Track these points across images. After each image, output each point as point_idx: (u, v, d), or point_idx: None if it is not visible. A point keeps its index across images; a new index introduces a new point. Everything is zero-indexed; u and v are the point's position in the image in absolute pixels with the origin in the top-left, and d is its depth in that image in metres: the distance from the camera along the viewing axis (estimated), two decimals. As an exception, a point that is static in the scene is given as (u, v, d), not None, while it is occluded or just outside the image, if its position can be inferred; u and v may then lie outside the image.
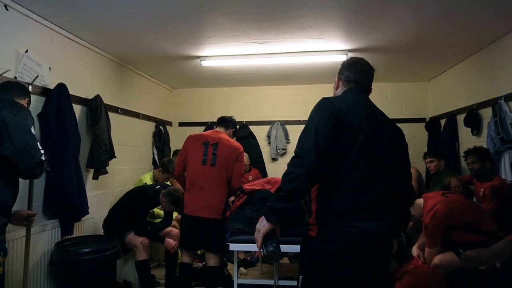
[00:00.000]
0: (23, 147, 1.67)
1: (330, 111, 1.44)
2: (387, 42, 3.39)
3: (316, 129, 1.41)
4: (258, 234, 1.50)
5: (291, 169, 1.41)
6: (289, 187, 1.40)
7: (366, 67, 1.67)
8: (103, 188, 3.65)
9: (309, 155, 1.38)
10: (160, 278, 3.73)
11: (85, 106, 3.31)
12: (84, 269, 2.66)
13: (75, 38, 3.17)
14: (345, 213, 1.43)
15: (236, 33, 3.16)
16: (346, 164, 1.44)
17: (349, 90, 1.65)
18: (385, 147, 1.52)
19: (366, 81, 1.66)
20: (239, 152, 2.91)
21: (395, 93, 5.26)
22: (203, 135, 2.98)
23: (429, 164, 3.88)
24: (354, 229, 1.41)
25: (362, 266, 1.44)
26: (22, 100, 1.96)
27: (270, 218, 1.46)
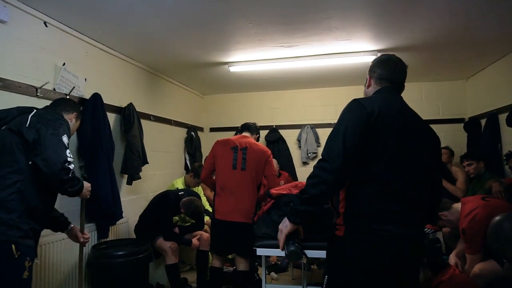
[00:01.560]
0: (48, 153, 1.72)
1: (361, 114, 1.39)
2: (419, 40, 3.26)
3: (344, 133, 1.37)
4: (281, 234, 1.51)
5: (317, 172, 1.39)
6: (313, 191, 1.38)
7: (400, 64, 1.60)
8: (137, 193, 3.78)
9: (336, 160, 1.35)
10: (192, 282, 3.79)
11: (118, 114, 3.46)
12: (119, 271, 2.76)
13: (108, 49, 3.32)
14: (373, 216, 1.39)
15: (262, 38, 3.17)
16: (377, 167, 1.40)
17: (381, 89, 1.58)
18: (418, 151, 1.46)
19: (400, 79, 1.59)
20: (268, 155, 2.94)
21: (430, 93, 5.04)
22: (231, 140, 3.01)
23: (468, 167, 3.67)
24: (381, 232, 1.37)
25: (386, 269, 1.40)
26: (70, 114, 2.07)
27: (292, 219, 1.47)
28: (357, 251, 1.41)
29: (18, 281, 1.63)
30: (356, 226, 1.43)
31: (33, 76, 2.49)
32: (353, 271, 1.42)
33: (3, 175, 1.66)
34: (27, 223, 1.69)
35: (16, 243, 1.62)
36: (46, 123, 1.80)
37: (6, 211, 1.63)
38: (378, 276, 1.40)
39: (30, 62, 2.48)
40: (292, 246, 1.50)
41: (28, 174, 1.71)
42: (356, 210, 1.44)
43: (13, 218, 1.64)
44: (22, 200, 1.67)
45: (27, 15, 2.45)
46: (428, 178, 1.50)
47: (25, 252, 1.66)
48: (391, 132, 1.40)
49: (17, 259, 1.62)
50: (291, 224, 1.48)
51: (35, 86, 2.48)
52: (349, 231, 1.44)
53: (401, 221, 1.39)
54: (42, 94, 2.51)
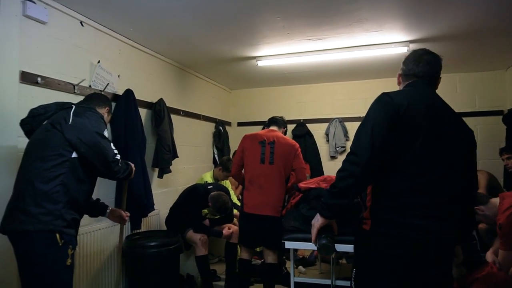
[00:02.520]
0: (96, 147, 1.83)
1: (389, 108, 1.39)
2: (453, 29, 3.13)
3: (373, 127, 1.38)
4: (313, 228, 1.55)
5: (345, 166, 1.41)
6: (342, 184, 1.40)
7: (425, 57, 1.56)
8: (167, 186, 3.88)
9: (364, 153, 1.36)
10: (221, 273, 3.87)
11: (149, 110, 3.56)
12: (151, 261, 2.86)
13: (140, 46, 3.42)
14: (399, 209, 1.38)
15: (290, 31, 3.15)
16: (405, 161, 1.38)
17: (410, 84, 1.57)
18: (449, 146, 1.42)
19: (425, 72, 1.54)
20: (296, 149, 2.96)
21: (466, 84, 4.83)
22: (259, 134, 3.04)
23: (507, 161, 3.52)
24: (406, 225, 1.36)
25: (412, 262, 1.38)
26: (102, 109, 2.17)
27: (324, 213, 1.50)
28: (382, 245, 1.41)
29: (63, 268, 1.73)
30: (382, 219, 1.43)
31: (70, 74, 2.61)
32: (380, 265, 1.42)
33: (48, 168, 1.76)
34: (70, 214, 1.79)
35: (61, 232, 1.73)
36: (86, 120, 1.88)
37: (52, 202, 1.73)
38: (405, 269, 1.39)
39: (67, 61, 2.60)
40: (324, 239, 1.51)
41: (70, 167, 1.80)
42: (382, 203, 1.43)
43: (58, 208, 1.74)
44: (65, 192, 1.77)
45: (64, 16, 2.57)
46: (460, 172, 1.46)
47: (68, 240, 1.76)
48: (419, 125, 1.38)
49: (61, 247, 1.72)
50: (322, 218, 1.51)
51: (72, 83, 2.60)
52: (375, 225, 1.44)
53: (427, 214, 1.37)
54: (79, 91, 2.63)
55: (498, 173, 4.16)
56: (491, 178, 3.84)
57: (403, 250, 1.37)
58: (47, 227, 1.70)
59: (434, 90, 1.56)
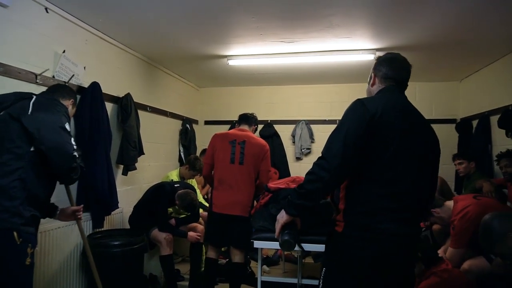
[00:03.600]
0: (56, 142, 1.74)
1: (363, 115, 1.40)
2: (416, 40, 3.32)
3: (346, 134, 1.39)
4: (277, 224, 1.58)
5: (315, 170, 1.42)
6: (309, 187, 1.43)
7: (405, 64, 1.61)
8: (132, 184, 3.77)
9: (334, 159, 1.38)
10: (185, 273, 3.81)
11: (116, 104, 3.44)
12: (113, 261, 2.77)
13: (108, 38, 3.29)
14: (373, 213, 1.42)
15: (263, 32, 3.18)
16: (378, 167, 1.43)
17: (386, 88, 1.59)
18: (419, 153, 1.48)
19: (405, 78, 1.60)
20: (266, 150, 2.96)
21: (425, 93, 5.11)
22: (229, 133, 3.03)
23: (458, 166, 3.76)
24: (380, 230, 1.41)
25: (384, 264, 1.43)
26: (67, 101, 2.06)
27: (289, 211, 1.53)
28: (354, 247, 1.45)
29: (21, 268, 1.64)
30: (355, 223, 1.46)
31: (33, 63, 2.45)
32: (350, 266, 1.46)
33: (4, 162, 1.65)
34: (29, 210, 1.69)
35: (18, 230, 1.62)
36: (49, 111, 1.79)
37: (8, 199, 1.62)
38: (375, 271, 1.43)
39: (30, 48, 2.44)
40: (287, 235, 1.55)
41: (29, 161, 1.70)
42: (356, 208, 1.47)
43: (15, 205, 1.63)
44: (23, 188, 1.67)
45: (28, 0, 2.41)
46: (426, 177, 1.53)
47: (27, 239, 1.66)
48: (393, 133, 1.42)
49: (20, 246, 1.62)
50: (287, 216, 1.54)
51: (34, 73, 2.45)
52: (348, 227, 1.48)
53: (399, 218, 1.42)
54: (41, 81, 2.48)
55: (450, 178, 4.47)
56: (443, 182, 4.10)
57: (375, 252, 1.42)
58: (3, 225, 1.59)
59: (405, 96, 1.61)
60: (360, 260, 1.43)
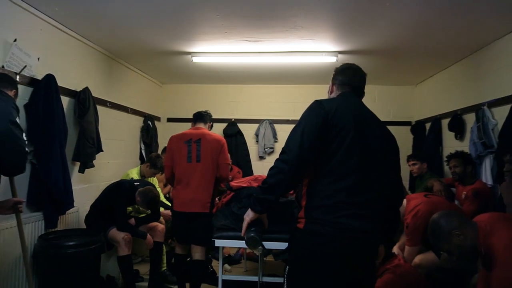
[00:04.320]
0: (6, 136, 1.65)
1: (319, 114, 1.51)
2: (376, 45, 3.46)
3: (303, 130, 1.49)
4: (244, 222, 1.60)
5: (276, 163, 1.51)
6: (272, 180, 1.50)
7: (359, 72, 1.76)
8: (89, 182, 3.62)
9: (293, 152, 1.47)
10: (144, 274, 3.72)
11: (73, 98, 3.28)
12: (68, 263, 2.63)
13: (65, 28, 3.13)
14: (331, 209, 1.47)
15: (228, 30, 3.17)
16: (334, 163, 1.49)
17: (343, 93, 1.71)
18: (375, 148, 1.56)
19: (359, 85, 1.74)
20: (222, 144, 3.00)
21: (383, 96, 5.34)
22: (185, 133, 3.05)
23: (412, 166, 3.96)
24: (339, 225, 1.45)
25: (344, 260, 1.47)
26: (9, 91, 1.96)
27: (254, 208, 1.56)
28: (315, 243, 1.48)
29: None
30: (315, 219, 1.50)
31: (-21, 51, 2.29)
32: (312, 262, 1.49)
33: None
34: None
35: None
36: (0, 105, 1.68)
37: None
38: (335, 266, 1.47)
39: (-24, 35, 2.28)
40: (252, 233, 1.57)
41: None
42: (316, 203, 1.51)
43: None
44: None
45: (-25, -16, 2.25)
46: (384, 174, 1.58)
47: None
48: (347, 130, 1.50)
49: None
50: (252, 213, 1.57)
51: (-19, 62, 2.28)
52: (308, 223, 1.51)
53: (358, 214, 1.47)
54: (-11, 72, 2.32)
55: (405, 177, 4.68)
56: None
57: (334, 247, 1.45)
58: None
59: (361, 100, 1.74)
60: (321, 256, 1.47)
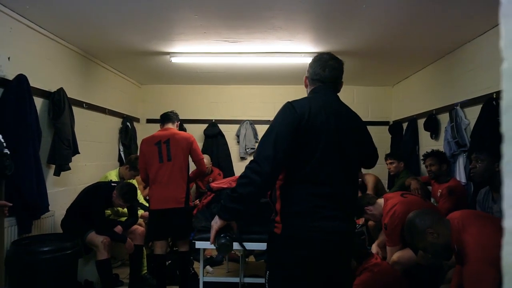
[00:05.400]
0: None
1: (292, 118, 1.44)
2: (354, 46, 3.51)
3: (275, 138, 1.41)
4: (212, 230, 1.52)
5: (247, 173, 1.42)
6: (243, 191, 1.41)
7: (330, 62, 1.62)
8: (66, 185, 3.52)
9: (265, 163, 1.39)
10: (124, 278, 3.65)
11: (47, 99, 3.18)
12: (43, 269, 2.56)
13: (36, 27, 3.03)
14: (307, 213, 1.46)
15: (207, 31, 3.15)
16: (308, 168, 1.46)
17: (315, 89, 1.63)
18: (348, 150, 1.54)
19: (330, 77, 1.61)
20: (191, 141, 3.14)
21: (361, 97, 5.44)
22: (154, 136, 3.18)
23: (389, 165, 4.05)
24: (316, 229, 1.45)
25: (322, 262, 1.48)
26: None
27: (222, 216, 1.49)
28: (292, 247, 1.47)
29: None
30: (292, 223, 1.48)
31: None
32: (291, 267, 1.48)
33: None
34: None
35: None
36: None
37: None
38: (315, 269, 1.48)
39: None
40: (223, 239, 1.51)
41: None
42: (291, 208, 1.49)
43: None
44: None
45: None
46: (354, 174, 1.62)
47: None
48: (321, 134, 1.46)
49: None
50: (220, 220, 1.50)
51: None
52: (286, 229, 1.49)
53: (333, 216, 1.47)
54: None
55: (384, 176, 4.79)
56: (377, 180, 4.38)
57: (312, 251, 1.46)
58: None
59: (337, 94, 1.66)
60: (300, 260, 1.46)
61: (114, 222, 3.40)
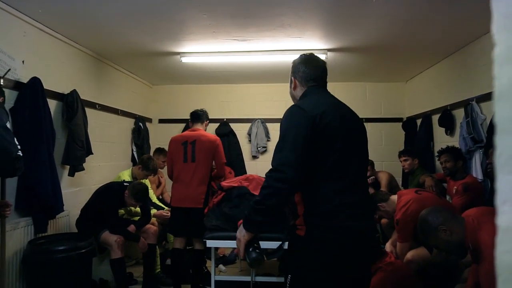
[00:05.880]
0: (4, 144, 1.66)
1: (306, 120, 1.42)
2: (365, 42, 3.46)
3: (294, 142, 1.39)
4: (240, 243, 1.49)
5: (271, 183, 1.38)
6: (270, 202, 1.38)
7: (321, 62, 1.65)
8: (80, 185, 3.58)
9: (290, 170, 1.36)
10: (138, 276, 3.69)
11: (60, 101, 3.24)
12: (58, 268, 2.61)
13: (49, 31, 3.09)
14: (331, 213, 1.43)
15: (216, 30, 3.15)
16: (327, 167, 1.44)
17: (310, 90, 1.60)
18: (358, 144, 1.55)
19: (322, 77, 1.63)
20: (216, 145, 3.20)
21: (374, 93, 5.36)
22: (182, 135, 3.30)
23: (403, 162, 3.98)
24: (341, 229, 1.42)
25: (348, 262, 1.45)
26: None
27: (249, 229, 1.46)
28: (319, 249, 1.44)
29: None
30: (316, 225, 1.45)
31: (-39, 55, 2.25)
32: (316, 269, 1.44)
33: None
34: None
35: None
36: None
37: None
38: (341, 271, 1.44)
39: (-42, 39, 2.24)
40: (254, 253, 1.47)
41: None
42: (315, 209, 1.46)
43: None
44: None
45: (-45, -13, 2.21)
46: (365, 168, 1.61)
47: None
48: (335, 131, 1.45)
49: None
50: (248, 233, 1.46)
51: (-37, 66, 2.25)
52: (310, 230, 1.46)
53: (356, 214, 1.44)
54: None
55: (397, 173, 4.70)
56: (391, 177, 4.32)
57: (336, 252, 1.42)
58: None
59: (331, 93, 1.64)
60: (322, 262, 1.43)
61: (127, 222, 3.45)
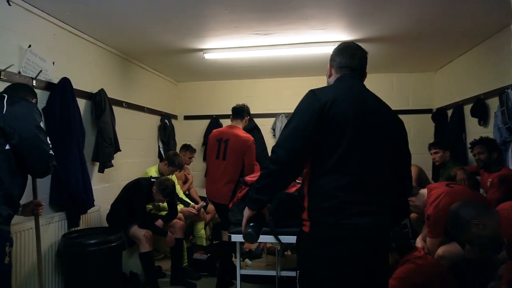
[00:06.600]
0: (32, 140, 1.74)
1: (314, 106, 1.39)
2: (391, 31, 3.34)
3: (295, 127, 1.40)
4: (243, 219, 1.57)
5: (267, 164, 1.44)
6: (263, 182, 1.45)
7: (358, 51, 1.60)
8: (109, 181, 3.70)
9: (282, 152, 1.39)
10: (166, 270, 3.78)
11: (89, 100, 3.35)
12: (90, 260, 2.72)
13: (77, 32, 3.19)
14: (336, 209, 1.37)
15: (238, 25, 3.14)
16: (335, 159, 1.38)
17: (341, 77, 1.57)
18: (378, 138, 1.44)
19: (360, 66, 1.59)
20: (248, 145, 3.22)
21: (401, 84, 5.19)
22: (220, 131, 3.42)
23: (434, 155, 3.84)
24: (345, 226, 1.36)
25: (354, 264, 1.40)
26: (31, 100, 2.06)
27: (250, 206, 1.54)
28: (323, 248, 1.40)
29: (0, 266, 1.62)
30: (320, 221, 1.40)
31: (-4, 58, 2.36)
32: (319, 267, 1.41)
33: None
34: (5, 209, 1.68)
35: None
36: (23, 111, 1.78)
37: None
38: (345, 270, 1.39)
39: (-8, 43, 2.35)
40: (249, 228, 1.55)
41: (3, 159, 1.69)
42: (319, 204, 1.41)
43: None
44: (0, 186, 1.66)
45: (-12, -7, 2.32)
46: (390, 164, 1.47)
47: (5, 237, 1.66)
48: (346, 122, 1.38)
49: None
50: (249, 210, 1.54)
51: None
52: (314, 227, 1.42)
53: (362, 211, 1.37)
54: (6, 77, 2.39)
55: (428, 167, 4.55)
56: (420, 171, 4.18)
57: (343, 250, 1.38)
58: None
59: (363, 83, 1.59)
60: (329, 261, 1.39)
61: (155, 216, 3.53)
